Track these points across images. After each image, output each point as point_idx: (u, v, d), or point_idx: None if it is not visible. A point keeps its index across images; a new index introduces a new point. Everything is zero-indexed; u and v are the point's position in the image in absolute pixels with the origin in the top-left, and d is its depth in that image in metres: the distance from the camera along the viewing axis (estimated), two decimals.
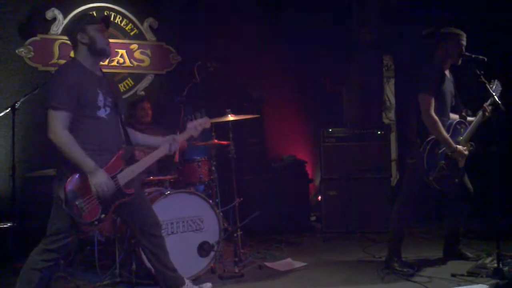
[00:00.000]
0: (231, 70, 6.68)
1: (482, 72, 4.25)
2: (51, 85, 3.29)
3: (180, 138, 3.71)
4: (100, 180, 3.18)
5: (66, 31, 3.47)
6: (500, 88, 4.45)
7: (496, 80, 4.46)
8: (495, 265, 4.02)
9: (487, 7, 6.21)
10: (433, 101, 4.24)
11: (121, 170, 3.36)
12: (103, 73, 3.52)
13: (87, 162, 3.16)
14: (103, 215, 3.25)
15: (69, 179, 3.16)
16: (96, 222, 3.23)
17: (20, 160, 5.42)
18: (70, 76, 3.22)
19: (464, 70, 4.41)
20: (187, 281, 3.73)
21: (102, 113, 3.34)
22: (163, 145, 3.62)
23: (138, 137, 3.70)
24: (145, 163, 3.50)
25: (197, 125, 3.79)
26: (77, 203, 3.15)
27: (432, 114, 4.22)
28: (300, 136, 7.63)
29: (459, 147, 4.27)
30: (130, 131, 3.64)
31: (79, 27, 3.35)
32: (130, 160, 3.48)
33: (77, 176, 3.18)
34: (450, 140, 4.24)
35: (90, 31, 3.34)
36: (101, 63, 3.57)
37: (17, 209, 4.89)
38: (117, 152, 3.37)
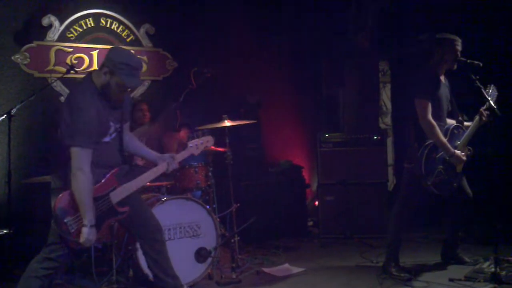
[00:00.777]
0: (227, 75, 6.68)
1: (478, 77, 4.26)
2: (72, 121, 3.17)
3: (180, 157, 3.65)
4: (92, 237, 3.17)
5: (108, 55, 3.31)
6: (496, 93, 4.46)
7: (492, 85, 4.47)
8: (493, 269, 4.02)
9: (483, 12, 6.23)
10: (429, 105, 4.26)
11: (114, 189, 3.33)
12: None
13: (91, 216, 3.16)
14: None
15: (59, 196, 3.16)
16: None
17: (16, 167, 5.39)
18: (89, 110, 3.16)
19: (460, 75, 4.43)
20: None
21: (107, 139, 3.35)
22: (161, 163, 3.56)
23: (137, 147, 3.66)
24: (140, 182, 3.46)
25: (199, 144, 3.73)
26: (65, 220, 3.14)
27: (430, 119, 4.23)
28: (297, 141, 7.63)
29: (457, 151, 4.28)
30: (132, 139, 3.62)
31: (112, 65, 3.21)
32: (125, 178, 3.45)
33: (68, 193, 3.17)
34: (448, 145, 4.25)
35: (113, 79, 3.23)
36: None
37: (13, 216, 4.87)
38: (111, 170, 3.34)
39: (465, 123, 4.52)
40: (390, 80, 7.88)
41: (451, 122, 4.52)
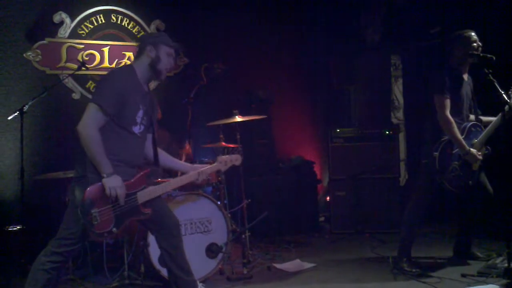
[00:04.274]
0: (238, 71, 6.67)
1: (491, 70, 4.21)
2: (103, 83, 3.39)
3: (208, 171, 3.64)
4: (115, 184, 3.17)
5: (141, 37, 3.54)
6: None
7: None
8: (506, 265, 3.97)
9: (490, 6, 6.16)
10: (448, 102, 4.23)
11: (143, 188, 3.34)
12: (149, 90, 3.53)
13: (106, 164, 3.16)
14: (114, 229, 3.23)
15: (90, 187, 3.15)
16: (105, 234, 3.22)
17: (29, 163, 5.43)
18: (123, 82, 3.28)
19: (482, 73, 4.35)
20: (200, 285, 3.70)
21: (136, 130, 3.35)
22: (191, 173, 3.56)
23: (166, 158, 3.65)
24: (169, 186, 3.48)
25: (228, 160, 3.72)
26: (92, 211, 3.14)
27: (448, 115, 4.21)
28: (308, 136, 7.61)
29: (473, 150, 4.22)
30: (161, 153, 3.61)
31: (153, 41, 3.45)
32: (151, 180, 3.45)
33: (99, 185, 3.17)
34: (464, 143, 4.20)
35: (161, 50, 3.43)
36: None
37: (26, 212, 4.90)
38: (143, 170, 3.36)
39: (484, 119, 4.45)
40: (402, 74, 7.83)
41: (471, 118, 4.47)
